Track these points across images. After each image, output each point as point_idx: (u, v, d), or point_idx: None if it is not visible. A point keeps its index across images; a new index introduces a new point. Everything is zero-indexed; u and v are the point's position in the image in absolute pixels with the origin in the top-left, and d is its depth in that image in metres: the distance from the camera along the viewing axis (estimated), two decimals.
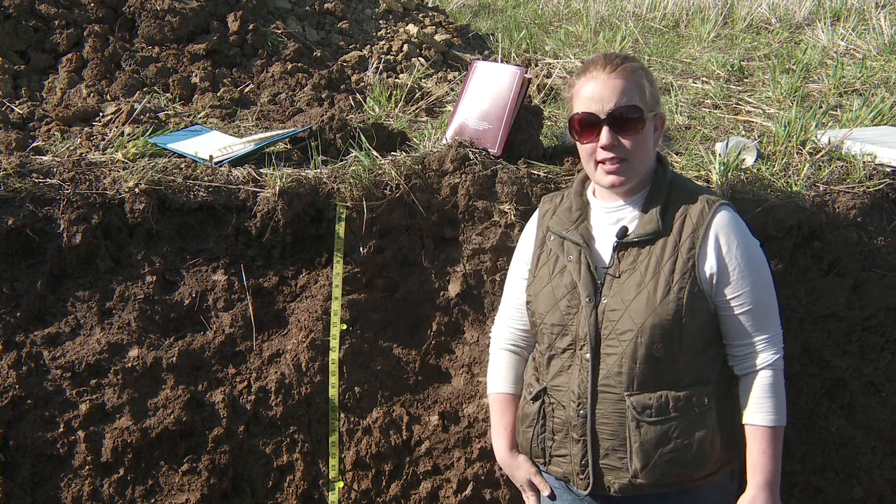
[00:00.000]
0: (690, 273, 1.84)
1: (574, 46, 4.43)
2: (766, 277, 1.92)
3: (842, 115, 3.30)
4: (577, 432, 1.93)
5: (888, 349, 2.76)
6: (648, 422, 1.86)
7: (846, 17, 4.78)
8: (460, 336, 2.67)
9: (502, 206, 2.58)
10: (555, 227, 2.02)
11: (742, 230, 1.90)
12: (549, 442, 2.01)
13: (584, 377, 1.91)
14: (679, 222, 1.88)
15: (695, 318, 1.86)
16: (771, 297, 1.92)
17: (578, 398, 1.92)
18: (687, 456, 1.87)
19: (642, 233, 1.89)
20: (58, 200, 2.42)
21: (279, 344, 2.56)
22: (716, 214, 1.87)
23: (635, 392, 1.86)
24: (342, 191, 2.55)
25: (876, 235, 2.72)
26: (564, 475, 2.00)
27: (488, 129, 2.68)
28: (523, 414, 2.09)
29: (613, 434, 1.89)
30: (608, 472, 1.92)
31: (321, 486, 2.57)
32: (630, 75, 1.87)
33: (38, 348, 2.41)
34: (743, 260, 1.86)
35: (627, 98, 1.85)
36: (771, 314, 1.92)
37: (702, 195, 1.92)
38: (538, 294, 2.01)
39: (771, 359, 1.90)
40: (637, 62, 1.92)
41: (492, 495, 2.63)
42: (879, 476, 2.81)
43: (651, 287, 1.85)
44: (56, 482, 2.42)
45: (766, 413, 1.89)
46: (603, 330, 1.88)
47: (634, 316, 1.85)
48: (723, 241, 1.86)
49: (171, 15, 3.43)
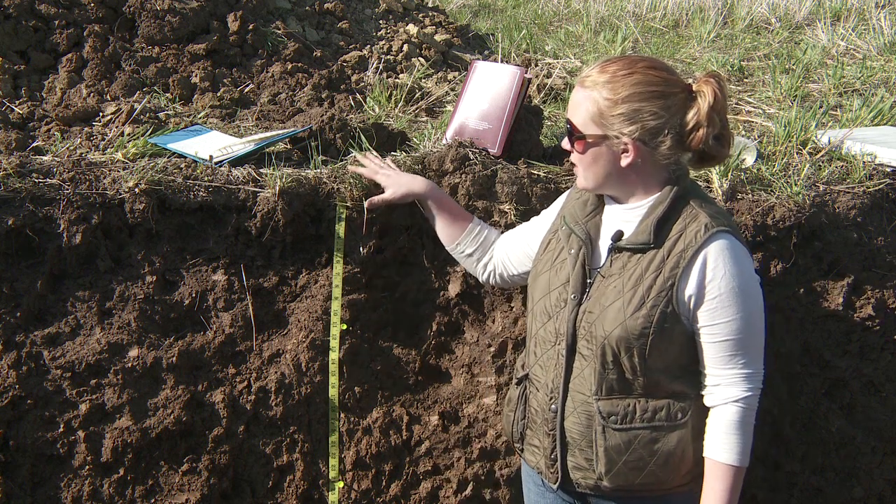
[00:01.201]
0: (668, 293, 1.79)
1: (574, 46, 4.43)
2: (753, 312, 1.81)
3: (842, 115, 3.30)
4: (548, 426, 1.95)
5: (888, 349, 2.76)
6: (613, 428, 1.86)
7: (846, 17, 4.78)
8: (460, 336, 2.67)
9: (502, 206, 2.58)
10: (568, 218, 2.01)
11: (737, 260, 1.78)
12: (527, 430, 2.05)
13: (558, 372, 1.92)
14: (673, 239, 1.81)
15: (665, 338, 1.81)
16: (754, 334, 1.82)
17: (551, 392, 1.93)
18: (651, 466, 1.86)
19: (633, 241, 1.85)
20: (58, 200, 2.42)
21: (279, 344, 2.56)
22: (712, 239, 1.78)
23: (603, 397, 1.86)
24: (342, 191, 2.55)
25: (876, 235, 2.72)
26: (538, 467, 2.03)
27: (488, 129, 2.68)
28: (508, 397, 2.16)
29: (582, 434, 1.90)
30: (575, 471, 1.93)
31: (321, 486, 2.57)
32: (589, 88, 1.82)
33: (38, 348, 2.41)
34: (727, 290, 1.76)
35: (573, 113, 1.86)
36: (751, 350, 1.82)
37: (706, 216, 1.81)
38: (537, 278, 2.02)
39: (740, 395, 1.80)
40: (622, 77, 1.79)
41: (492, 495, 2.63)
42: (879, 476, 2.81)
43: (627, 298, 1.82)
44: (56, 482, 2.42)
45: (726, 451, 1.81)
46: (579, 330, 1.88)
47: (605, 323, 1.83)
48: (710, 266, 1.77)
49: (171, 15, 3.42)
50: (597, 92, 1.80)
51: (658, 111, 1.78)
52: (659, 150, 1.82)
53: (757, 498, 2.77)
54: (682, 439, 1.86)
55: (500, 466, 2.62)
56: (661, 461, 1.86)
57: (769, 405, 2.71)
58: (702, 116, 1.79)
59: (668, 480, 1.89)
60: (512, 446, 2.17)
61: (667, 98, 1.79)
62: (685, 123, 1.80)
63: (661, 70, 1.82)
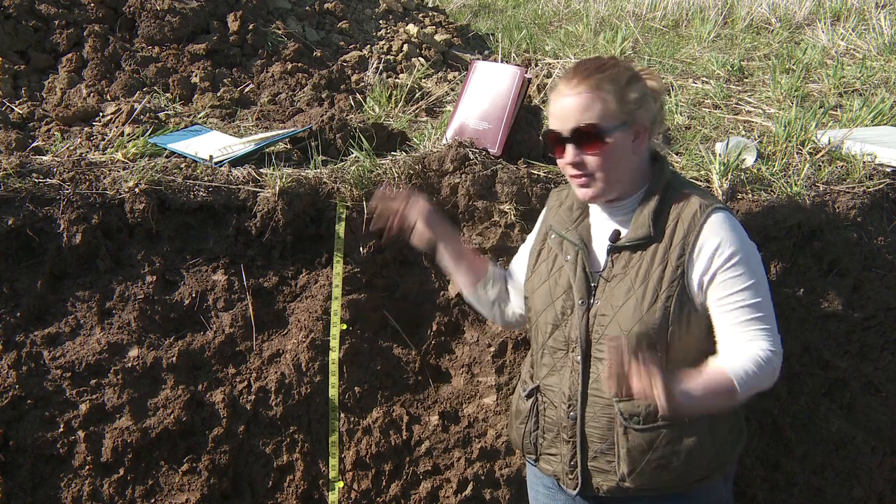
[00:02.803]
0: (679, 281, 1.79)
1: (574, 46, 4.43)
2: (761, 280, 1.81)
3: (842, 115, 3.30)
4: (566, 433, 1.93)
5: (888, 349, 2.76)
6: (636, 429, 1.85)
7: (846, 17, 4.78)
8: (460, 336, 2.67)
9: (502, 206, 2.58)
10: (556, 226, 2.00)
11: (735, 231, 1.81)
12: (541, 440, 2.02)
13: (574, 379, 1.90)
14: (671, 227, 1.82)
15: (684, 327, 1.81)
16: (765, 300, 1.80)
17: (569, 400, 1.92)
18: (674, 463, 1.85)
19: (633, 237, 1.84)
20: (58, 200, 2.42)
21: (279, 344, 2.56)
22: (708, 218, 1.79)
23: (624, 398, 1.83)
24: (342, 191, 2.55)
25: (876, 235, 2.72)
26: (555, 474, 2.01)
27: (488, 129, 2.68)
28: (517, 410, 2.10)
29: (602, 438, 1.89)
30: (597, 475, 1.92)
31: (321, 486, 2.57)
32: (593, 89, 1.78)
33: (38, 348, 2.41)
34: (735, 260, 1.77)
35: (588, 115, 1.78)
36: (767, 314, 1.79)
37: (697, 198, 1.83)
38: (535, 290, 2.00)
39: (766, 346, 1.74)
40: (608, 71, 1.80)
41: (492, 495, 2.63)
42: (879, 476, 2.81)
43: (639, 294, 1.81)
44: (56, 482, 2.42)
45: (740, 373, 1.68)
46: (593, 334, 1.87)
47: (622, 322, 1.82)
48: (713, 243, 1.78)
49: (171, 15, 3.43)
50: (601, 88, 1.78)
51: (647, 93, 1.83)
52: (652, 134, 1.86)
53: (757, 498, 2.77)
54: (702, 433, 1.86)
55: (500, 466, 2.62)
56: (684, 457, 1.85)
57: (769, 405, 2.71)
58: (660, 88, 1.86)
59: (689, 475, 1.88)
60: (523, 456, 2.13)
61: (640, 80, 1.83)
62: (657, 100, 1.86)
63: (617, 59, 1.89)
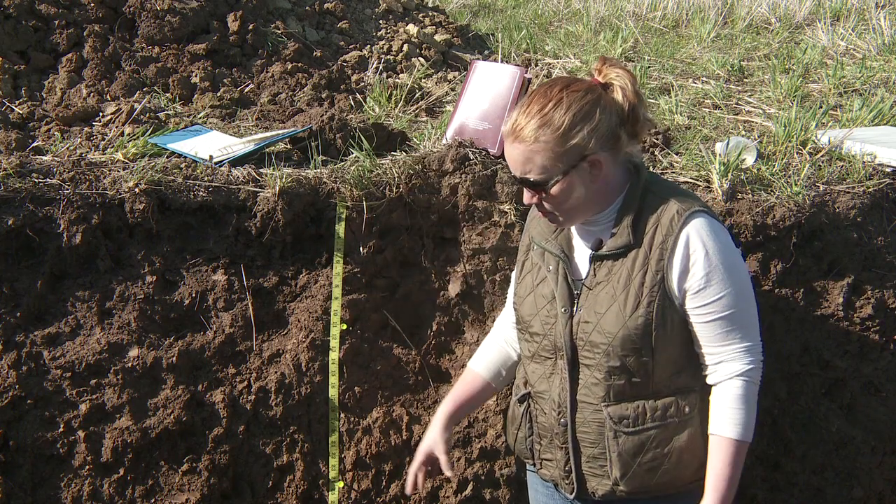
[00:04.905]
0: (660, 286, 1.80)
1: (574, 46, 4.43)
2: (742, 286, 1.82)
3: (842, 115, 3.30)
4: (559, 439, 1.96)
5: (888, 349, 2.76)
6: (626, 432, 1.86)
7: (846, 17, 4.78)
8: (460, 336, 2.67)
9: (502, 206, 2.58)
10: (537, 237, 2.01)
11: (716, 235, 1.79)
12: (537, 445, 2.04)
13: (563, 387, 1.92)
14: (651, 233, 1.82)
15: (668, 330, 1.82)
16: (747, 306, 1.82)
17: (559, 407, 1.93)
18: (666, 465, 1.86)
19: (614, 246, 1.85)
20: (58, 200, 2.42)
21: (279, 344, 2.56)
22: (687, 223, 1.79)
23: (612, 403, 1.87)
24: (342, 191, 2.55)
25: (876, 235, 2.72)
26: (552, 479, 2.03)
27: (488, 129, 2.68)
28: (512, 415, 2.14)
29: (594, 443, 1.91)
30: (591, 479, 1.94)
31: (321, 486, 2.57)
32: (530, 142, 1.77)
33: (38, 348, 2.41)
34: (713, 267, 1.77)
35: (528, 167, 1.79)
36: (747, 323, 1.82)
37: (676, 203, 1.82)
38: (524, 300, 2.02)
39: (743, 368, 1.80)
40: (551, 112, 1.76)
41: (492, 495, 2.63)
42: (879, 476, 2.81)
43: (622, 300, 1.82)
44: (56, 482, 2.42)
45: (730, 425, 1.80)
46: (578, 341, 1.89)
47: (606, 329, 1.84)
48: (692, 247, 1.78)
49: (171, 15, 3.43)
50: (540, 138, 1.77)
51: (601, 116, 1.78)
52: (618, 150, 1.84)
53: (757, 498, 2.77)
54: (692, 433, 1.87)
55: (500, 466, 2.62)
56: (675, 458, 1.86)
57: (769, 405, 2.71)
58: (631, 97, 1.82)
59: (682, 477, 1.89)
60: (523, 462, 2.15)
61: (597, 101, 1.79)
62: (623, 112, 1.82)
63: (570, 83, 1.82)
